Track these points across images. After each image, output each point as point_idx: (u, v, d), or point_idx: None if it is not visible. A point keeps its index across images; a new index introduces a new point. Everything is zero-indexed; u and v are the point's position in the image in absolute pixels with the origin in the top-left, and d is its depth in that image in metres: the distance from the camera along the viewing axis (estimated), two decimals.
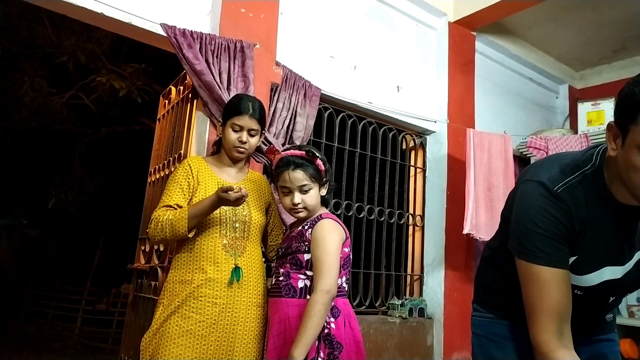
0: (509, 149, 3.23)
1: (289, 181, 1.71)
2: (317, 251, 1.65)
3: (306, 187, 1.71)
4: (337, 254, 1.66)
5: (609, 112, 3.38)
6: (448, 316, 3.19)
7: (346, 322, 1.67)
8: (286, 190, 1.74)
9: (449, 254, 3.27)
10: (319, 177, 1.75)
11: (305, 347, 1.52)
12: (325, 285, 1.59)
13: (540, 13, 3.59)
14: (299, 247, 1.70)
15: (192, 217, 1.70)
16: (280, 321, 1.68)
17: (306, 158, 1.73)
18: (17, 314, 8.36)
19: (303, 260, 1.69)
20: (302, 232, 1.72)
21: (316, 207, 1.77)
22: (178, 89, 2.75)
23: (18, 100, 5.89)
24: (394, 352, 2.92)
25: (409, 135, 3.44)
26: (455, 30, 3.55)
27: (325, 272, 1.61)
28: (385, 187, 3.23)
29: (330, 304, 1.61)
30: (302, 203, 1.71)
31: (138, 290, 2.69)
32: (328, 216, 1.74)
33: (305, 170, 1.71)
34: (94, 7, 2.15)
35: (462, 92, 3.54)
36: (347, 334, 1.65)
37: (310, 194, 1.73)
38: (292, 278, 1.70)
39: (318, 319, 1.55)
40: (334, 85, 2.88)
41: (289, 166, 1.72)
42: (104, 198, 7.96)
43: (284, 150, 1.85)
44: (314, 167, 1.74)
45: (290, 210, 1.76)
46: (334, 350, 1.59)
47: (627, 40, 3.95)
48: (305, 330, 1.53)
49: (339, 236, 1.70)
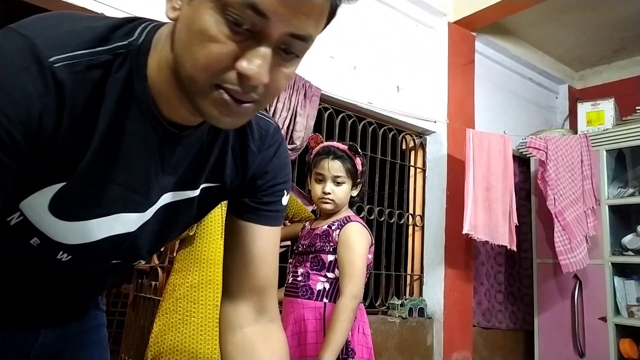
0: (508, 149, 3.23)
1: (326, 169, 1.71)
2: (347, 255, 1.64)
3: (340, 179, 1.71)
4: (365, 259, 1.66)
5: (608, 112, 3.38)
6: (448, 316, 3.19)
7: (360, 328, 1.67)
8: (320, 178, 1.73)
9: (448, 254, 3.27)
10: (354, 175, 1.74)
11: (335, 352, 1.51)
12: (354, 290, 1.58)
13: (540, 13, 3.59)
14: (324, 247, 1.69)
15: None
16: (295, 322, 1.67)
17: (347, 152, 1.74)
18: None
19: (326, 261, 1.68)
20: (328, 231, 1.70)
21: (344, 204, 1.76)
22: None
23: None
24: (394, 352, 2.92)
25: (409, 135, 3.44)
26: (455, 31, 3.55)
27: (354, 277, 1.60)
28: (385, 187, 3.23)
29: (357, 309, 1.61)
30: (333, 194, 1.71)
31: (138, 290, 2.69)
32: (357, 219, 1.73)
33: (343, 163, 1.71)
34: (94, 7, 2.15)
35: (461, 93, 3.55)
36: (360, 340, 1.65)
37: (342, 188, 1.72)
38: (312, 279, 1.68)
39: (348, 324, 1.55)
40: (334, 86, 2.88)
41: (329, 155, 1.72)
42: None
43: (327, 141, 1.85)
44: (352, 164, 1.74)
45: (319, 200, 1.74)
46: (348, 357, 1.59)
47: (627, 40, 3.95)
48: (334, 336, 1.52)
49: (367, 241, 1.70)
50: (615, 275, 3.14)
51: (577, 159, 3.27)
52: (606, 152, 3.30)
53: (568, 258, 3.06)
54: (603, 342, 3.07)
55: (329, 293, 1.66)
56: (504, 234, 3.08)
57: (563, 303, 3.31)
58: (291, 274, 1.78)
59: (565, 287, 3.31)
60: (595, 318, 3.14)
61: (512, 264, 3.82)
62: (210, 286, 1.73)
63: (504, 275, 3.74)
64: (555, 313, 3.35)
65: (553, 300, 3.38)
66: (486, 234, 3.07)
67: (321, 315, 1.64)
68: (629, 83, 4.15)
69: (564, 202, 3.15)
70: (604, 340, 3.07)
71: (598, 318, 3.13)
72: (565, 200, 3.16)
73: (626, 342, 3.01)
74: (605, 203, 3.24)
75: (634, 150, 3.31)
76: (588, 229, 3.17)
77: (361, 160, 1.77)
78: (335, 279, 1.67)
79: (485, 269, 3.60)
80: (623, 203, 3.22)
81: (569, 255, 3.06)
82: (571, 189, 3.21)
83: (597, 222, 3.20)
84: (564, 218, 3.11)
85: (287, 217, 2.10)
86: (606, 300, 3.10)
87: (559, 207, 3.12)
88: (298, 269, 1.74)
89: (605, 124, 3.37)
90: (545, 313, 3.42)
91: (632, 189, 3.22)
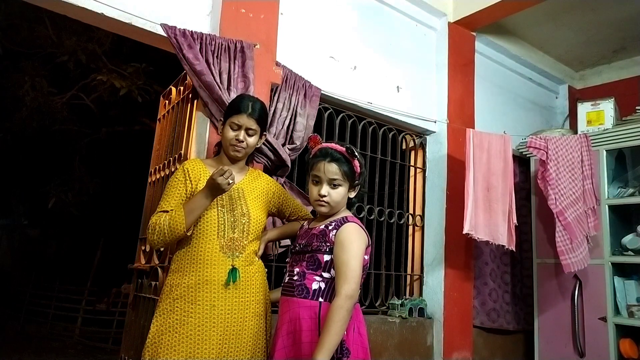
0: (508, 149, 3.23)
1: (322, 172, 1.71)
2: (343, 255, 1.64)
3: (336, 181, 1.72)
4: (361, 260, 1.66)
5: (608, 112, 3.38)
6: (448, 316, 3.19)
7: (355, 327, 1.67)
8: (316, 180, 1.74)
9: (448, 254, 3.27)
10: (351, 177, 1.75)
11: (329, 352, 1.51)
12: (350, 290, 1.58)
13: (540, 13, 3.59)
14: (320, 246, 1.69)
15: (188, 213, 1.71)
16: (290, 321, 1.67)
17: (345, 155, 1.74)
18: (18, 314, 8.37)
19: (322, 261, 1.68)
20: (325, 231, 1.71)
21: (340, 207, 1.77)
22: (178, 89, 2.76)
23: (19, 100, 5.89)
24: (394, 352, 2.92)
25: (408, 135, 3.44)
26: (455, 31, 3.55)
27: (349, 277, 1.60)
28: (385, 187, 3.23)
29: (352, 310, 1.61)
30: (328, 197, 1.71)
31: (138, 290, 2.69)
32: (354, 220, 1.73)
33: (340, 166, 1.72)
34: (95, 8, 2.15)
35: (461, 93, 3.55)
36: (355, 339, 1.65)
37: (338, 190, 1.73)
38: (307, 279, 1.69)
39: (342, 324, 1.55)
40: (334, 86, 2.88)
41: (325, 157, 1.73)
42: (104, 198, 7.96)
43: (326, 142, 1.85)
44: (349, 166, 1.74)
45: (315, 202, 1.75)
46: (343, 356, 1.59)
47: (627, 40, 3.95)
48: (329, 336, 1.52)
49: (364, 242, 1.70)
50: (615, 275, 3.14)
51: (578, 159, 3.27)
52: (606, 152, 3.30)
53: (569, 258, 3.05)
54: (603, 342, 3.07)
55: (324, 292, 1.66)
56: (503, 234, 3.08)
57: (563, 303, 3.31)
58: (288, 273, 1.78)
59: (565, 287, 3.31)
60: (595, 318, 3.14)
61: (515, 263, 3.82)
62: (207, 286, 1.73)
63: (510, 276, 3.74)
64: (556, 313, 3.35)
65: (553, 300, 3.38)
66: (486, 234, 3.07)
67: (316, 314, 1.64)
68: (629, 83, 4.15)
69: (565, 202, 3.15)
70: (604, 340, 3.07)
71: (598, 318, 3.13)
72: (566, 200, 3.16)
73: (626, 342, 3.01)
74: (606, 203, 3.24)
75: (634, 150, 3.31)
76: (589, 228, 3.17)
77: (359, 162, 1.77)
78: (331, 278, 1.67)
79: (489, 269, 3.58)
80: (623, 203, 3.22)
81: (570, 255, 3.06)
82: (571, 188, 3.20)
83: (597, 222, 3.20)
84: (564, 218, 3.10)
85: (284, 216, 2.10)
86: (606, 300, 3.10)
87: (560, 207, 3.12)
88: (294, 268, 1.74)
89: (605, 124, 3.37)
90: (545, 313, 3.42)
91: (632, 188, 3.22)
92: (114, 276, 7.64)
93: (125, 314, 3.14)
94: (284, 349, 1.65)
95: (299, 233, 1.88)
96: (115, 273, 7.45)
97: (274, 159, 2.41)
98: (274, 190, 2.01)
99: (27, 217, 11.49)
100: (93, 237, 8.95)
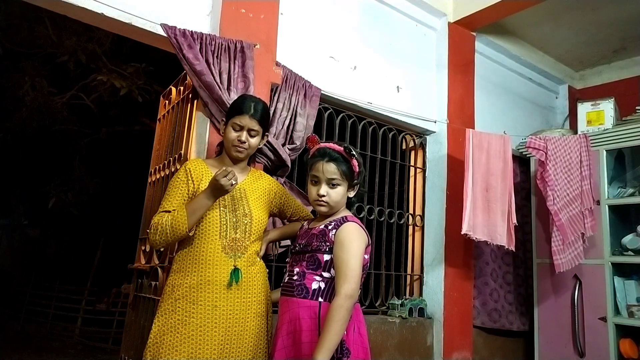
0: (507, 149, 3.23)
1: (320, 172, 1.72)
2: (342, 254, 1.64)
3: (335, 181, 1.72)
4: (361, 259, 1.66)
5: (608, 112, 3.38)
6: (448, 316, 3.19)
7: (355, 327, 1.66)
8: (315, 180, 1.74)
9: (448, 254, 3.27)
10: (350, 177, 1.75)
11: (329, 352, 1.51)
12: (349, 290, 1.58)
13: (540, 13, 3.59)
14: (320, 246, 1.69)
15: (190, 213, 1.71)
16: (290, 320, 1.67)
17: (343, 154, 1.74)
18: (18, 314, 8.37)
19: (322, 261, 1.68)
20: (324, 231, 1.71)
21: (340, 206, 1.77)
22: (178, 89, 2.76)
23: (19, 100, 5.89)
24: (394, 352, 2.92)
25: (408, 135, 3.44)
26: (455, 31, 3.55)
27: (349, 277, 1.60)
28: (385, 187, 3.23)
29: (352, 309, 1.61)
30: (327, 197, 1.71)
31: (138, 290, 2.69)
32: (353, 220, 1.73)
33: (338, 165, 1.72)
34: (95, 8, 2.15)
35: (461, 93, 3.55)
36: (356, 339, 1.65)
37: (337, 190, 1.73)
38: (307, 278, 1.69)
39: (342, 324, 1.55)
40: (334, 86, 2.88)
41: (324, 157, 1.73)
42: (104, 198, 7.96)
43: (324, 142, 1.85)
44: (348, 165, 1.74)
45: (314, 202, 1.75)
46: (343, 356, 1.58)
47: (627, 40, 3.95)
48: (329, 335, 1.52)
49: (364, 241, 1.70)
50: (615, 275, 3.14)
51: (576, 160, 3.27)
52: (606, 152, 3.30)
53: (560, 258, 3.07)
54: (603, 342, 3.07)
55: (324, 292, 1.66)
56: (502, 234, 3.08)
57: (563, 303, 3.31)
58: (287, 273, 1.78)
59: (565, 287, 3.31)
60: (595, 318, 3.14)
61: (519, 264, 3.81)
62: (209, 287, 1.73)
63: (513, 276, 3.74)
64: (556, 313, 3.35)
65: (553, 300, 3.38)
66: (484, 234, 3.07)
67: (316, 314, 1.64)
68: (629, 83, 4.15)
69: (561, 202, 3.15)
70: (604, 340, 3.07)
71: (598, 318, 3.13)
72: (562, 201, 3.16)
73: (626, 342, 3.01)
74: (605, 203, 3.24)
75: (634, 150, 3.31)
76: (585, 229, 3.17)
77: (357, 161, 1.77)
78: (331, 278, 1.67)
79: (490, 269, 3.57)
80: (623, 203, 3.22)
81: (560, 255, 3.08)
82: (568, 189, 3.21)
83: (594, 223, 3.20)
84: (559, 218, 3.11)
85: (286, 216, 2.10)
86: (606, 300, 3.10)
87: (556, 208, 3.12)
88: (294, 268, 1.74)
89: (605, 124, 3.37)
90: (545, 313, 3.42)
91: (632, 189, 3.22)
92: (114, 276, 7.64)
93: (125, 314, 3.14)
94: (284, 349, 1.65)
95: (299, 233, 1.88)
96: (115, 273, 7.45)
97: (274, 159, 2.41)
98: (276, 190, 2.01)
99: (27, 217, 11.49)
100: (93, 237, 8.95)
